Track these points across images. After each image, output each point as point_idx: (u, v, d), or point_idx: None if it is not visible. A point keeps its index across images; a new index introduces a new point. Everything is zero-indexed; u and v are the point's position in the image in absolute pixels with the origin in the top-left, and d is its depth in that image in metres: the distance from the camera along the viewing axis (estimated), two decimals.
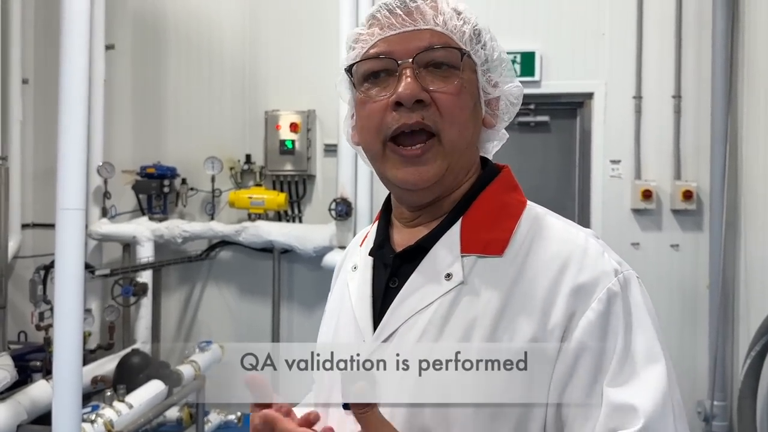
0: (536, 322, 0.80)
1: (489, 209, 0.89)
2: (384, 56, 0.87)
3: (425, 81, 0.85)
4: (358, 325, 0.90)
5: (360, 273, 0.96)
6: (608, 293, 0.80)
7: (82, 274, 2.22)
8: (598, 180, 4.11)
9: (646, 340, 0.80)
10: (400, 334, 0.85)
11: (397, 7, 0.88)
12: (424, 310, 0.84)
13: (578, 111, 4.26)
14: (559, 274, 0.82)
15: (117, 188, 4.34)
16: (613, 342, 0.78)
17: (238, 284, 4.48)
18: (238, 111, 4.47)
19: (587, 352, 0.78)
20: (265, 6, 4.44)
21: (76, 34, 2.22)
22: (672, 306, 3.92)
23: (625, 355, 0.78)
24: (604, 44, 4.10)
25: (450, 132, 0.86)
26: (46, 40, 4.39)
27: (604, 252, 0.85)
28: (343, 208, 3.93)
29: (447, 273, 0.85)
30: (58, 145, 2.18)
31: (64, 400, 2.14)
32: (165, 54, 4.55)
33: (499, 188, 0.92)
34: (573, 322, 0.79)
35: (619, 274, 0.82)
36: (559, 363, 0.79)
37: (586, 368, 0.78)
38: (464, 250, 0.86)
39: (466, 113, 0.87)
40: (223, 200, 4.37)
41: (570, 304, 0.80)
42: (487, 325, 0.81)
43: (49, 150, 2.30)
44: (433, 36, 0.86)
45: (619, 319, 0.79)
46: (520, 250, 0.85)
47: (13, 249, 4.01)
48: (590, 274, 0.81)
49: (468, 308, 0.83)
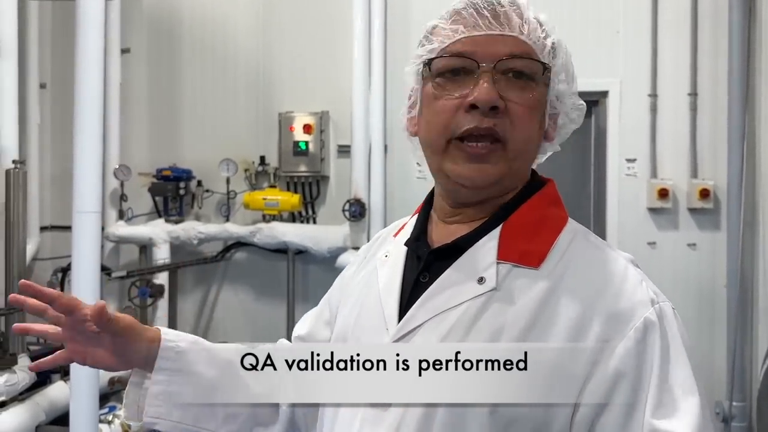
0: (566, 341, 0.79)
1: (530, 220, 0.89)
2: (466, 56, 0.87)
3: (502, 88, 0.85)
4: (383, 313, 0.90)
5: (391, 262, 0.96)
6: (645, 322, 0.80)
7: (98, 276, 2.24)
8: (613, 179, 4.08)
9: (683, 371, 0.79)
10: (426, 329, 0.85)
11: (484, 8, 0.87)
12: (452, 310, 0.84)
13: (593, 110, 4.22)
14: (596, 297, 0.81)
15: (133, 190, 4.38)
16: (649, 372, 0.78)
17: (254, 285, 4.50)
18: (252, 113, 4.49)
19: (624, 381, 0.78)
20: (279, 8, 4.45)
21: (92, 38, 2.24)
22: (689, 306, 3.88)
23: (664, 386, 0.78)
24: (618, 42, 4.06)
25: (517, 142, 0.86)
26: (63, 46, 4.44)
27: (642, 281, 0.85)
28: (356, 208, 3.94)
29: (480, 276, 0.85)
30: (74, 149, 2.21)
31: (81, 402, 2.17)
32: (180, 57, 4.59)
33: (543, 200, 0.92)
34: (608, 349, 0.79)
35: (656, 305, 0.82)
36: (593, 391, 0.78)
37: (623, 397, 0.78)
38: (501, 257, 0.86)
39: (535, 126, 0.89)
40: (238, 202, 4.39)
41: (605, 329, 0.79)
42: (515, 334, 0.81)
43: (66, 153, 2.32)
44: (516, 44, 0.87)
45: (655, 349, 0.79)
46: (558, 266, 0.85)
47: (32, 251, 4.06)
48: (628, 302, 0.81)
49: (497, 315, 0.82)
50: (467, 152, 0.86)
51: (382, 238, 1.07)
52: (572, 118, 0.96)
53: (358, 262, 1.09)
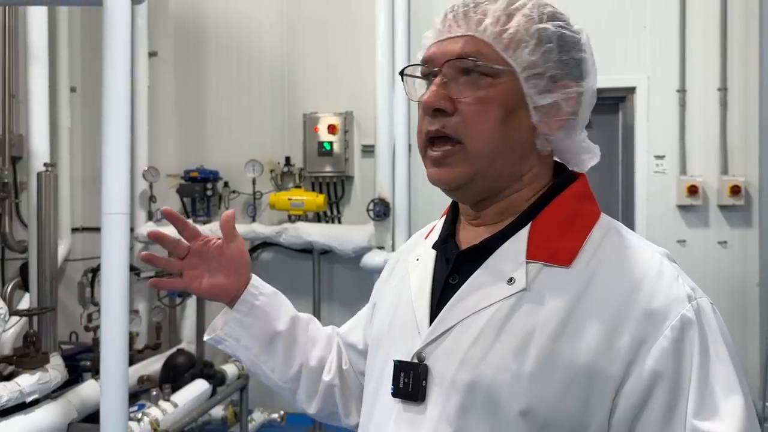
0: (600, 341, 0.78)
1: (560, 217, 0.87)
2: (426, 61, 0.89)
3: (454, 89, 0.85)
4: (415, 317, 0.90)
5: (422, 265, 0.96)
6: (682, 320, 0.78)
7: (127, 277, 2.27)
8: (642, 176, 4.02)
9: (724, 370, 0.77)
10: (456, 331, 0.84)
11: (450, 11, 0.88)
12: (482, 311, 0.83)
13: (620, 106, 4.18)
14: (630, 294, 0.79)
15: (162, 192, 4.45)
16: (689, 371, 0.76)
17: (280, 284, 4.42)
18: (278, 114, 4.52)
19: (662, 381, 0.76)
20: (303, 10, 4.48)
21: (120, 43, 2.27)
22: (721, 304, 3.72)
23: (704, 386, 0.76)
24: (645, 37, 4.01)
25: (473, 141, 0.84)
26: (92, 50, 4.52)
27: (678, 276, 0.82)
28: (381, 208, 3.94)
29: (510, 277, 0.83)
30: (103, 151, 2.24)
31: (111, 400, 2.20)
32: (206, 60, 4.64)
33: (572, 197, 0.89)
34: (644, 349, 0.77)
35: (693, 301, 0.80)
36: (630, 391, 0.77)
37: (662, 398, 0.76)
38: (530, 257, 0.84)
39: (491, 123, 0.84)
40: (264, 202, 4.43)
41: (641, 328, 0.77)
42: (547, 335, 0.79)
43: (96, 156, 2.37)
44: (466, 44, 0.85)
45: (694, 347, 0.77)
46: (590, 263, 0.82)
47: (63, 252, 4.14)
48: (664, 300, 0.79)
49: (528, 316, 0.81)
50: (431, 156, 0.88)
51: (414, 241, 1.08)
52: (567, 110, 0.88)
53: (392, 265, 1.09)
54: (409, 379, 0.85)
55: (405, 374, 0.86)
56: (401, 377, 0.86)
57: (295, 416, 4.26)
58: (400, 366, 0.87)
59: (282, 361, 1.10)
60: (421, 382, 0.84)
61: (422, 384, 0.84)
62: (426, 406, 0.84)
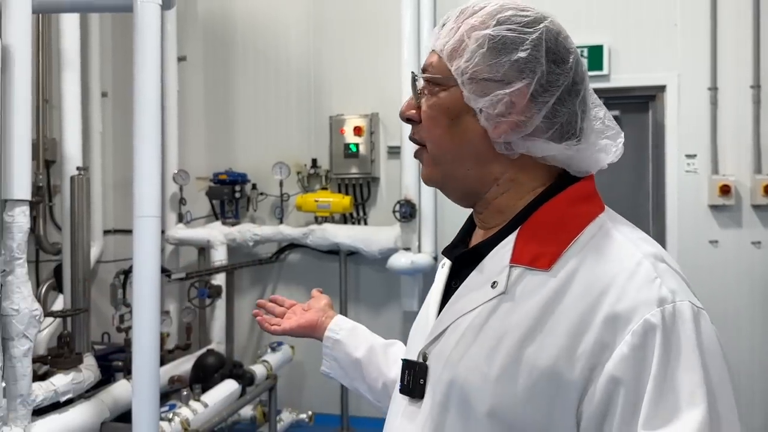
0: (563, 346, 0.77)
1: (548, 221, 0.86)
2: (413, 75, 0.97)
3: (423, 99, 0.93)
4: (428, 319, 0.97)
5: (443, 270, 1.03)
6: (644, 325, 0.74)
7: (158, 278, 2.30)
8: (672, 176, 3.96)
9: (689, 378, 0.72)
10: (448, 332, 0.89)
11: None
12: (467, 314, 0.86)
13: (650, 104, 4.12)
14: (597, 298, 0.77)
15: (192, 194, 4.51)
16: (647, 380, 0.73)
17: (307, 286, 4.54)
18: (304, 117, 4.56)
19: (621, 389, 0.74)
20: (328, 13, 4.50)
21: (149, 48, 2.31)
22: (754, 305, 3.73)
23: (660, 396, 0.72)
24: (675, 35, 3.94)
25: (431, 146, 0.92)
26: (123, 56, 4.60)
27: (656, 278, 0.77)
28: (407, 209, 3.94)
29: (494, 281, 0.85)
30: (134, 155, 2.27)
31: (142, 400, 2.23)
32: (234, 64, 4.69)
33: (567, 198, 0.88)
34: (605, 354, 0.75)
35: (667, 305, 0.75)
36: (592, 398, 0.75)
37: (622, 406, 0.73)
38: (513, 261, 0.85)
39: (439, 130, 0.90)
40: (291, 204, 4.46)
41: (603, 333, 0.75)
42: (516, 339, 0.80)
43: (127, 160, 2.41)
44: (429, 57, 0.93)
45: (654, 355, 0.73)
46: (570, 267, 0.81)
47: (96, 254, 4.22)
48: (629, 303, 0.75)
49: (502, 319, 0.83)
50: None
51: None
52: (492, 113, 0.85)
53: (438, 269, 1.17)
54: (411, 376, 0.91)
55: (408, 372, 0.92)
56: (406, 375, 0.92)
57: (323, 416, 4.28)
58: (406, 364, 0.93)
59: (368, 382, 1.23)
60: (419, 380, 0.90)
61: (420, 382, 0.90)
62: (422, 403, 0.89)
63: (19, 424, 2.28)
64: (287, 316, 1.31)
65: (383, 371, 1.21)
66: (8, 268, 2.23)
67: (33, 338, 2.29)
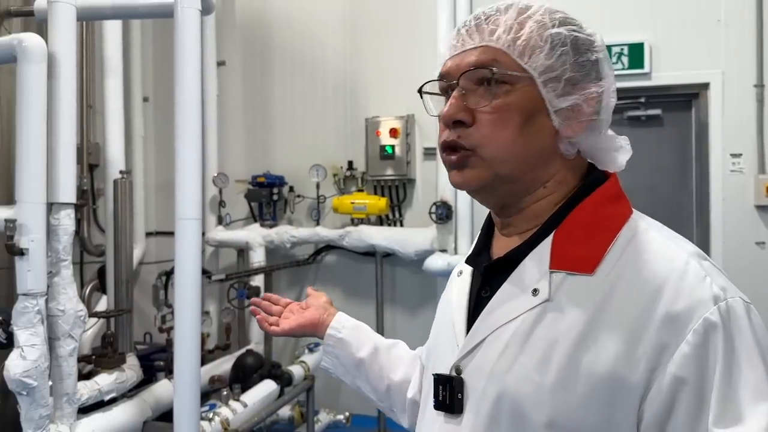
0: (621, 349, 0.76)
1: (584, 223, 0.86)
2: (443, 76, 0.90)
3: (473, 100, 0.86)
4: (455, 330, 0.93)
5: (462, 279, 0.99)
6: (705, 324, 0.74)
7: (199, 280, 2.34)
8: (717, 175, 3.86)
9: (753, 374, 0.73)
10: (486, 344, 0.86)
11: (463, 27, 0.90)
12: (508, 324, 0.84)
13: (693, 103, 4.02)
14: (651, 299, 0.77)
15: (231, 197, 4.57)
16: (712, 378, 0.73)
17: (343, 287, 4.58)
18: (340, 119, 4.58)
19: (685, 389, 0.73)
20: (364, 16, 4.52)
21: (190, 53, 2.35)
22: None
23: (727, 393, 0.72)
24: (719, 31, 3.84)
25: (488, 148, 0.85)
26: (164, 61, 4.70)
27: (706, 276, 0.78)
28: (443, 211, 3.92)
29: (534, 288, 0.84)
30: (175, 159, 2.32)
31: (184, 399, 2.26)
32: (271, 68, 4.74)
33: (598, 199, 0.87)
34: (666, 355, 0.74)
35: (721, 302, 0.75)
36: (654, 399, 0.75)
37: (686, 406, 0.73)
38: (553, 266, 0.84)
39: (510, 130, 0.85)
40: (328, 206, 4.48)
41: (662, 335, 0.75)
42: (568, 346, 0.78)
43: (168, 163, 2.45)
44: (481, 54, 0.86)
45: (717, 353, 0.73)
46: (614, 269, 0.81)
47: (138, 256, 4.30)
48: (686, 303, 0.75)
49: (551, 327, 0.81)
50: (445, 161, 0.90)
51: (464, 255, 1.13)
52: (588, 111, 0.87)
53: (450, 278, 1.12)
54: (446, 392, 0.88)
55: (443, 387, 0.88)
56: (440, 390, 0.89)
57: (360, 418, 4.29)
58: (439, 379, 0.89)
59: (372, 382, 1.21)
60: (456, 395, 0.87)
61: (458, 396, 0.86)
62: (462, 418, 0.86)
63: (65, 421, 2.34)
64: (284, 316, 1.28)
65: (388, 373, 1.20)
66: (54, 269, 2.29)
67: (78, 338, 2.35)
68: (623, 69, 3.93)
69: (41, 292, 2.21)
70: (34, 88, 2.20)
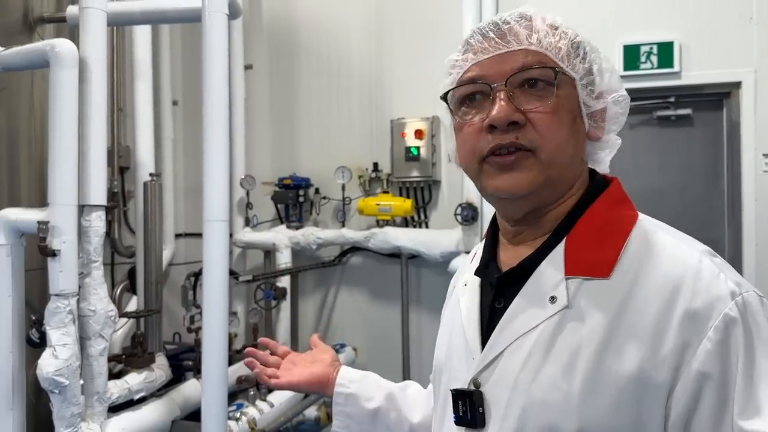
0: (645, 350, 0.76)
1: (595, 227, 0.86)
2: (478, 80, 0.89)
3: (521, 101, 0.85)
4: (468, 344, 0.92)
5: (469, 291, 0.98)
6: (725, 319, 0.75)
7: (227, 280, 2.36)
8: (749, 176, 3.78)
9: None
10: (507, 355, 0.85)
11: (490, 30, 0.90)
12: (529, 333, 0.84)
13: (724, 102, 3.94)
14: (670, 299, 0.77)
15: (258, 199, 4.61)
16: (735, 372, 0.73)
17: (369, 288, 4.59)
18: (366, 121, 4.59)
19: (710, 384, 0.74)
20: (390, 17, 4.52)
21: (217, 57, 2.38)
22: None
23: (749, 386, 0.73)
24: (751, 29, 3.76)
25: (547, 149, 0.85)
26: (192, 65, 4.76)
27: (720, 273, 0.79)
28: (469, 212, 3.91)
29: (551, 296, 0.83)
30: (204, 161, 2.35)
31: (211, 399, 2.29)
32: (298, 71, 4.78)
33: (606, 203, 0.88)
34: (689, 352, 0.75)
35: (737, 297, 0.76)
36: (680, 395, 0.75)
37: (711, 401, 0.74)
38: (569, 272, 0.84)
39: (565, 130, 0.86)
40: (353, 208, 4.49)
41: (683, 332, 0.76)
42: (593, 351, 0.79)
43: (197, 166, 2.49)
44: (526, 56, 0.86)
45: (739, 347, 0.74)
46: (629, 272, 0.81)
47: (168, 257, 4.36)
48: (704, 300, 0.76)
49: (573, 333, 0.81)
50: (498, 163, 0.87)
51: (463, 266, 1.10)
52: (619, 111, 0.92)
53: (450, 290, 1.13)
54: (467, 406, 0.87)
55: (462, 402, 0.87)
56: (460, 405, 0.88)
57: None
58: (458, 394, 0.88)
59: (392, 430, 1.20)
60: (477, 409, 0.86)
61: (479, 410, 0.86)
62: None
63: (96, 420, 2.39)
64: (285, 366, 1.26)
65: (406, 416, 1.19)
66: (85, 270, 2.33)
67: (108, 338, 2.39)
68: (652, 68, 3.87)
69: (73, 293, 2.25)
70: (66, 92, 2.25)
